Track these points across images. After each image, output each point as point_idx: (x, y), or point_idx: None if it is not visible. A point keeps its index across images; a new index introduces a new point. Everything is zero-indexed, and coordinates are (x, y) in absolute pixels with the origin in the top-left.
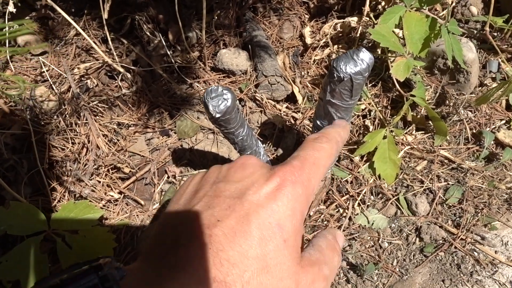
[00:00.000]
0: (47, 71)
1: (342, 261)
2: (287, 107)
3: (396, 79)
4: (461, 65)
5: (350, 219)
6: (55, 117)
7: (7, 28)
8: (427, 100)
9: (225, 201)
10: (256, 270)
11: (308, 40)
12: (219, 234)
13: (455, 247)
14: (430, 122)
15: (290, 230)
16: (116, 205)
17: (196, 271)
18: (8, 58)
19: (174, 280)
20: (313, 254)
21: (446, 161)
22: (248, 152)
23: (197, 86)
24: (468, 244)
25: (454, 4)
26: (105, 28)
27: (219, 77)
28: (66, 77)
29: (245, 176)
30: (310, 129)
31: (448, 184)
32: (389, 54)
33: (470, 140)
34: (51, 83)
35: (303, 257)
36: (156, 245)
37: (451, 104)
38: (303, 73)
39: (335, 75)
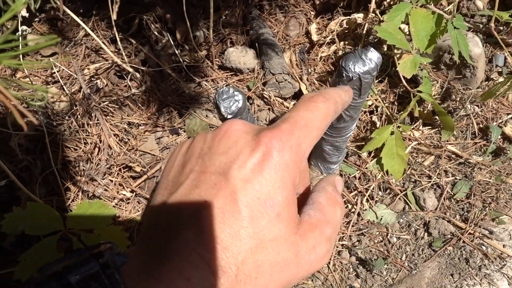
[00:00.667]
0: (57, 72)
1: (351, 256)
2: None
3: (403, 75)
4: (467, 60)
5: (358, 214)
6: (67, 117)
7: (20, 32)
8: (434, 95)
9: (211, 178)
10: (250, 250)
11: (314, 37)
12: (208, 216)
13: (464, 242)
14: (437, 117)
15: (281, 202)
16: (128, 203)
17: (190, 257)
18: (21, 58)
19: (170, 267)
20: (313, 216)
21: (453, 156)
22: None
23: (205, 85)
24: (476, 238)
25: None
26: (114, 28)
27: (226, 75)
28: (76, 78)
29: (229, 147)
30: None
31: (456, 179)
32: (395, 51)
33: (477, 134)
34: (62, 84)
35: (302, 221)
36: (151, 229)
37: (458, 99)
38: (309, 70)
39: (344, 74)
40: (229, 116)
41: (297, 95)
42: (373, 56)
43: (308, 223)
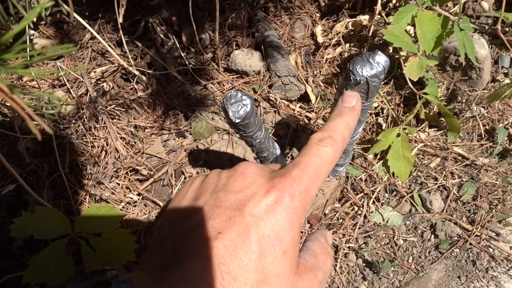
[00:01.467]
0: (64, 75)
1: (358, 258)
2: (300, 107)
3: (409, 78)
4: (473, 62)
5: (365, 216)
6: (74, 121)
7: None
8: (440, 97)
9: (225, 213)
10: (256, 282)
11: (320, 39)
12: (220, 246)
13: (470, 244)
14: (443, 119)
15: (289, 242)
16: (135, 206)
17: (198, 284)
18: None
19: None
20: (308, 260)
21: (459, 157)
22: (265, 154)
23: (211, 87)
24: (483, 240)
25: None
26: (120, 31)
27: (232, 78)
28: (82, 81)
29: (244, 187)
30: None
31: (462, 180)
32: (401, 53)
33: (483, 136)
34: (69, 87)
35: (299, 264)
36: (157, 254)
37: (464, 100)
38: (315, 72)
39: (351, 78)
40: (237, 121)
41: (303, 97)
42: (381, 60)
43: (304, 265)
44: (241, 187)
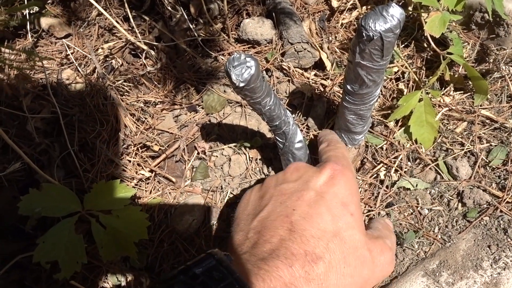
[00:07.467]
0: (72, 53)
1: None
2: (315, 75)
3: (431, 37)
4: (501, 16)
5: (387, 187)
6: (83, 99)
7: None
8: (465, 58)
9: (293, 195)
10: (336, 242)
11: (335, 3)
12: (298, 219)
13: (501, 211)
14: (469, 81)
15: (353, 205)
16: (148, 183)
17: (288, 249)
18: (32, 43)
19: (272, 259)
20: (374, 232)
21: (487, 121)
22: (277, 123)
23: (222, 59)
24: None
25: None
26: (126, 6)
27: (243, 48)
28: (91, 58)
29: (300, 175)
30: (341, 95)
31: (491, 145)
32: (422, 11)
33: None
34: (77, 65)
35: (367, 234)
36: (241, 245)
37: (491, 60)
38: (330, 38)
39: (363, 34)
40: (242, 84)
41: (318, 65)
42: (395, 12)
43: (371, 235)
44: (298, 176)
